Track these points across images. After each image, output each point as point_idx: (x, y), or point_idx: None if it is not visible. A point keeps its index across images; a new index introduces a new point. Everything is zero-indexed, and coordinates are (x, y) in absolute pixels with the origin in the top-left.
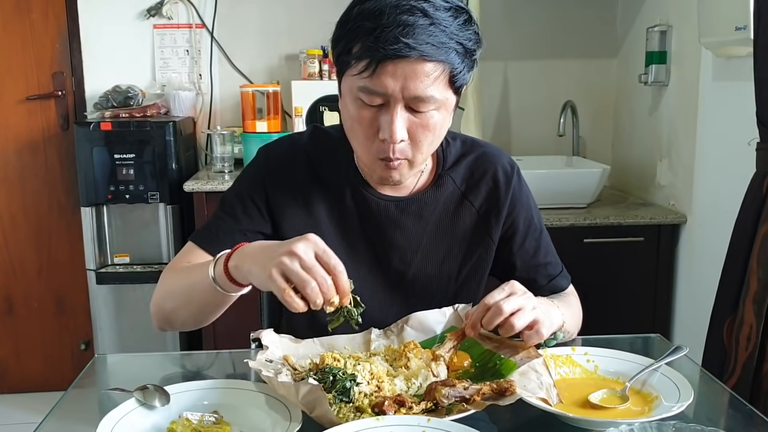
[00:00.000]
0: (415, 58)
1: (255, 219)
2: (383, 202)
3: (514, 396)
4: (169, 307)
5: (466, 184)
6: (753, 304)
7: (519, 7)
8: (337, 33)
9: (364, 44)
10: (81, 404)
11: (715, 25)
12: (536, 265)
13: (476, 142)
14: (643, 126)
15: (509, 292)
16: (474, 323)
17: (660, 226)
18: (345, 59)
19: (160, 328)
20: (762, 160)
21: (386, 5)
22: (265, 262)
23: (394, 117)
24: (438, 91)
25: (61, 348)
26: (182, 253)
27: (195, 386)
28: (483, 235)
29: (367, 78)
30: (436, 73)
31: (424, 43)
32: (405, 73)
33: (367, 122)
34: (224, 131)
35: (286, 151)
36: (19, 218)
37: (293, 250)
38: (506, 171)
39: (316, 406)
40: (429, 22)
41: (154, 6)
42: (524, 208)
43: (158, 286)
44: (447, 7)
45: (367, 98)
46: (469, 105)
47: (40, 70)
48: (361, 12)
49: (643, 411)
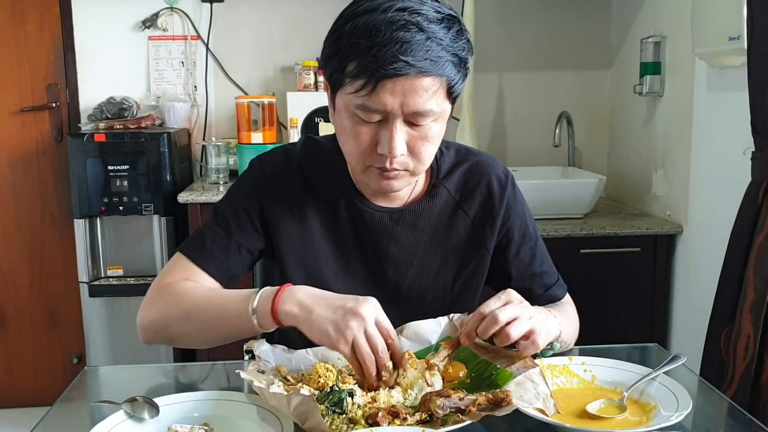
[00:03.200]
0: (413, 75)
1: (248, 232)
2: (377, 213)
3: (510, 406)
4: (180, 329)
5: (460, 194)
6: (750, 313)
7: (514, 18)
8: (328, 50)
9: (361, 63)
10: (69, 417)
11: (709, 36)
12: (532, 275)
13: (470, 151)
14: (638, 136)
15: (505, 301)
16: (469, 332)
17: (656, 236)
18: (339, 77)
19: (148, 342)
20: (757, 169)
21: (380, 21)
22: (327, 320)
23: (394, 133)
24: (436, 104)
25: (53, 362)
26: (172, 265)
27: (185, 398)
28: (478, 244)
29: (365, 96)
30: (435, 87)
31: (422, 60)
32: (404, 89)
33: (365, 138)
34: (219, 142)
35: (280, 162)
36: (12, 230)
37: (360, 313)
38: (500, 180)
39: (308, 417)
40: (425, 37)
41: (150, 18)
42: (519, 217)
43: (152, 301)
44: (439, 18)
45: (365, 115)
46: (464, 116)
47: (35, 81)
48: (354, 29)
49: (642, 421)
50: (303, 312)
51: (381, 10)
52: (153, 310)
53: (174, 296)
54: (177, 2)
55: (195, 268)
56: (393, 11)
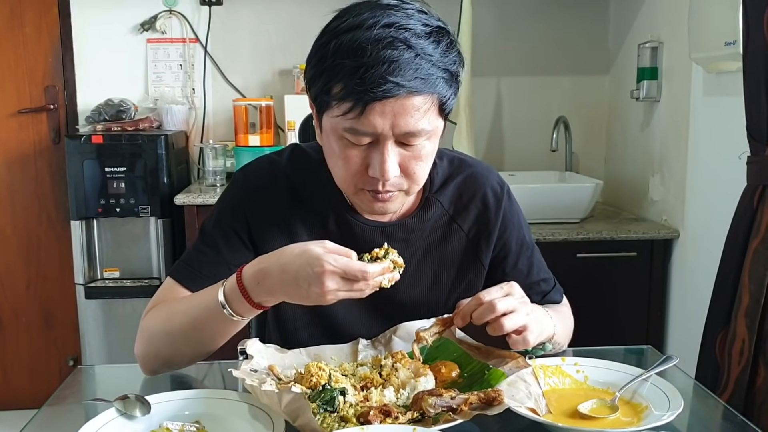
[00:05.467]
0: (403, 95)
1: (238, 250)
2: (368, 227)
3: (501, 406)
4: (169, 350)
5: (454, 207)
6: (745, 318)
7: (512, 23)
8: (312, 70)
9: (347, 86)
10: (61, 415)
11: (705, 41)
12: (530, 284)
13: (464, 161)
14: (635, 141)
15: (507, 292)
16: (464, 314)
17: (653, 241)
18: (325, 99)
19: (151, 373)
20: (752, 173)
21: (365, 39)
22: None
23: (386, 156)
24: (429, 123)
25: (49, 364)
26: (162, 291)
27: (177, 396)
28: (473, 259)
29: (353, 119)
30: (426, 105)
31: (412, 79)
32: (394, 110)
33: (355, 161)
34: (216, 145)
35: (265, 174)
36: (8, 232)
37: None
38: (496, 192)
39: (299, 415)
40: (413, 54)
41: (148, 20)
42: (516, 229)
43: (145, 330)
44: (428, 33)
45: (354, 138)
46: (461, 120)
47: (33, 83)
48: (338, 48)
49: (633, 421)
50: (276, 297)
51: (366, 26)
52: (141, 340)
53: (154, 319)
54: (176, 5)
55: (183, 290)
56: (378, 28)
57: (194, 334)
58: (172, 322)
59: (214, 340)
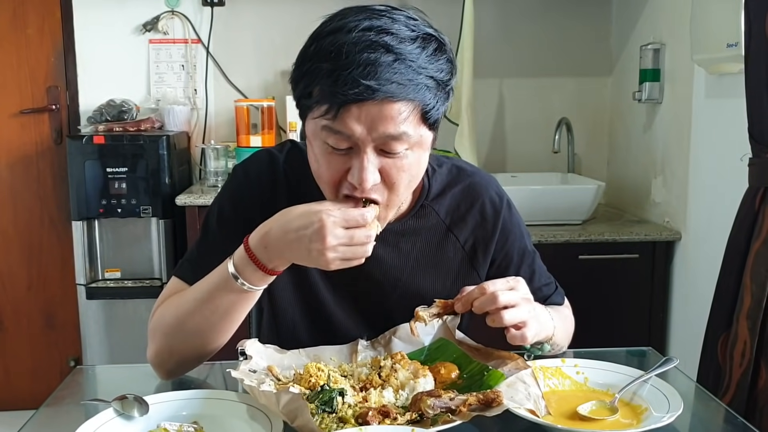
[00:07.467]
0: (379, 100)
1: (238, 243)
2: None
3: (501, 407)
4: (183, 343)
5: (451, 218)
6: (747, 320)
7: (514, 25)
8: (294, 74)
9: (322, 88)
10: (60, 415)
11: (707, 43)
12: (533, 290)
13: (464, 170)
14: (637, 143)
15: (512, 286)
16: (466, 301)
17: (655, 242)
18: (305, 103)
19: (168, 376)
20: (754, 175)
21: (344, 42)
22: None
23: (364, 162)
24: (410, 130)
25: (50, 364)
26: (166, 290)
27: (175, 396)
28: (469, 269)
29: (329, 120)
30: (405, 113)
31: (389, 83)
32: (371, 115)
33: (335, 167)
34: (218, 145)
35: (265, 168)
36: (10, 232)
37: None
38: (494, 203)
39: (298, 415)
40: (393, 58)
41: (150, 21)
42: (517, 239)
43: (155, 327)
44: (413, 38)
45: (333, 141)
46: (463, 121)
47: (35, 84)
48: (318, 51)
49: (632, 423)
50: (285, 259)
51: (347, 30)
52: (152, 340)
53: (163, 314)
54: (178, 6)
55: (187, 286)
56: (359, 31)
57: (206, 317)
58: (183, 308)
59: (226, 320)
